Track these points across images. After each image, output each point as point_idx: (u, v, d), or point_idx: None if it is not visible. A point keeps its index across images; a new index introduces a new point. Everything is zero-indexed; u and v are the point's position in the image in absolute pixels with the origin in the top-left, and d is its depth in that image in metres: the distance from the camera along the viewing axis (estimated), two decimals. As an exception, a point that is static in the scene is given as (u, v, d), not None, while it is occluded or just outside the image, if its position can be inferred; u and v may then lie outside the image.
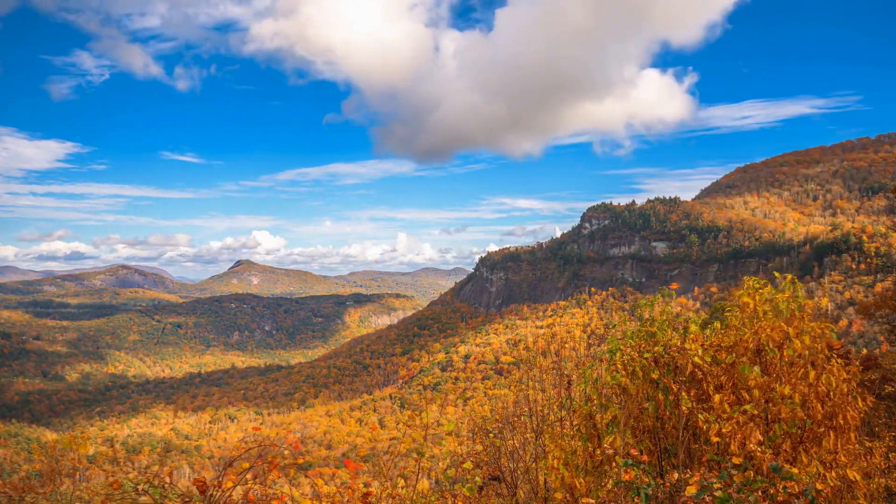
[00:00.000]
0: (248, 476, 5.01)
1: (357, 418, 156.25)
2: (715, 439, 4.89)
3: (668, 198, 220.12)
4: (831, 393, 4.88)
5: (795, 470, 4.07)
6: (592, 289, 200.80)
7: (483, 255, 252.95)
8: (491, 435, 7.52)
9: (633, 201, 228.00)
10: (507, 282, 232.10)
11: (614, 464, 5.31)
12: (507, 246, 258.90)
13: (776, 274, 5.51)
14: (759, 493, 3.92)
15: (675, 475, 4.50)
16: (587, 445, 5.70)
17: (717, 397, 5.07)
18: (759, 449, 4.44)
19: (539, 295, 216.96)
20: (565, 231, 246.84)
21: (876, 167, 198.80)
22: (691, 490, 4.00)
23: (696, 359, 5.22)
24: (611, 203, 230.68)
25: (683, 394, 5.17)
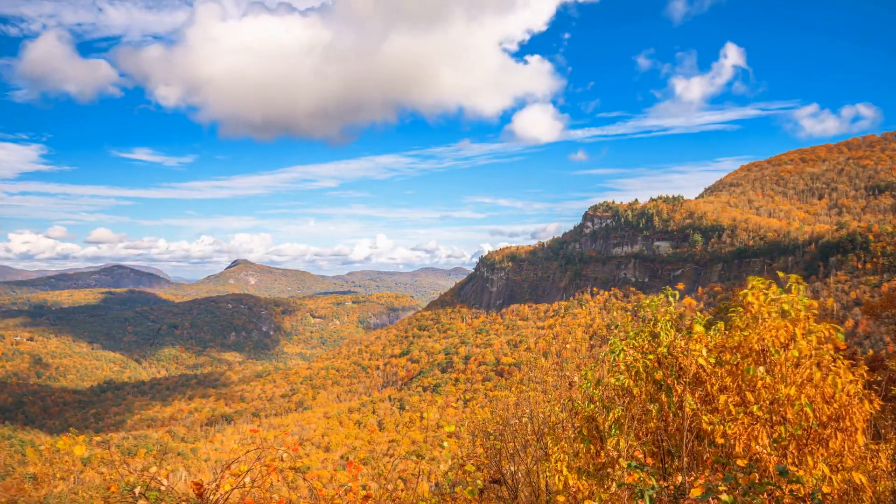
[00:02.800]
0: (246, 479, 4.93)
1: (356, 420, 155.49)
2: (720, 441, 4.84)
3: (671, 196, 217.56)
4: (837, 394, 4.85)
5: (801, 472, 4.02)
6: (595, 289, 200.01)
7: (484, 255, 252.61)
8: (492, 437, 7.44)
9: (636, 200, 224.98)
10: (507, 282, 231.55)
11: (617, 466, 5.26)
12: (508, 245, 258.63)
13: (780, 274, 5.46)
14: (765, 496, 3.88)
15: (680, 477, 4.45)
16: (590, 447, 5.64)
17: (721, 398, 5.02)
18: (764, 451, 4.39)
19: (540, 295, 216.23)
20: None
21: (882, 165, 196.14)
22: (696, 492, 3.95)
23: (701, 360, 5.17)
24: (612, 202, 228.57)
25: (688, 395, 5.12)
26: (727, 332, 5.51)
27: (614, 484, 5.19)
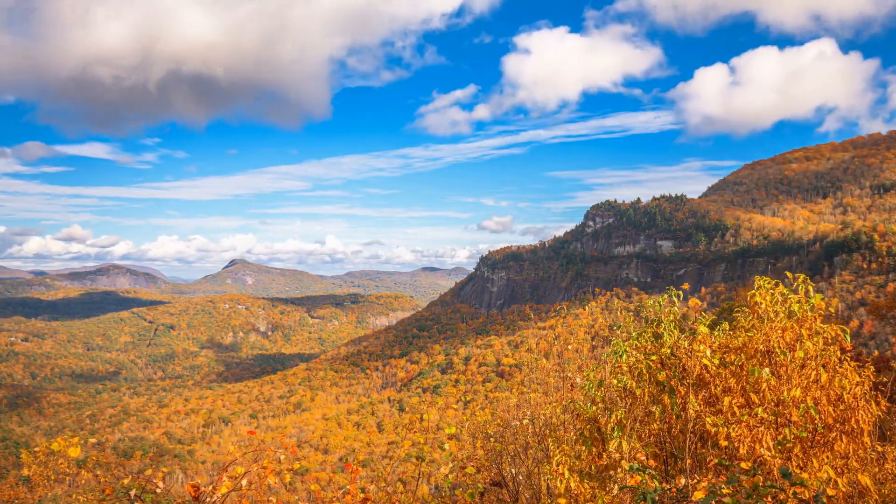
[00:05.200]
0: (243, 481, 4.86)
1: (355, 422, 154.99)
2: (724, 443, 4.79)
3: (673, 195, 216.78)
4: (844, 396, 4.80)
5: (805, 475, 3.98)
6: (596, 289, 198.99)
7: (484, 255, 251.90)
8: (492, 439, 7.38)
9: (638, 199, 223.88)
10: (508, 282, 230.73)
11: (620, 469, 5.20)
12: (509, 245, 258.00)
13: (787, 274, 5.41)
14: (769, 499, 3.83)
15: (683, 480, 4.40)
16: (592, 450, 5.58)
17: (725, 400, 4.97)
18: (768, 453, 4.34)
19: (542, 295, 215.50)
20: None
21: (888, 164, 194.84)
22: (699, 495, 3.91)
23: (705, 360, 5.12)
24: (615, 201, 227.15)
25: (691, 396, 5.07)
26: (731, 333, 5.45)
27: (616, 487, 5.14)
